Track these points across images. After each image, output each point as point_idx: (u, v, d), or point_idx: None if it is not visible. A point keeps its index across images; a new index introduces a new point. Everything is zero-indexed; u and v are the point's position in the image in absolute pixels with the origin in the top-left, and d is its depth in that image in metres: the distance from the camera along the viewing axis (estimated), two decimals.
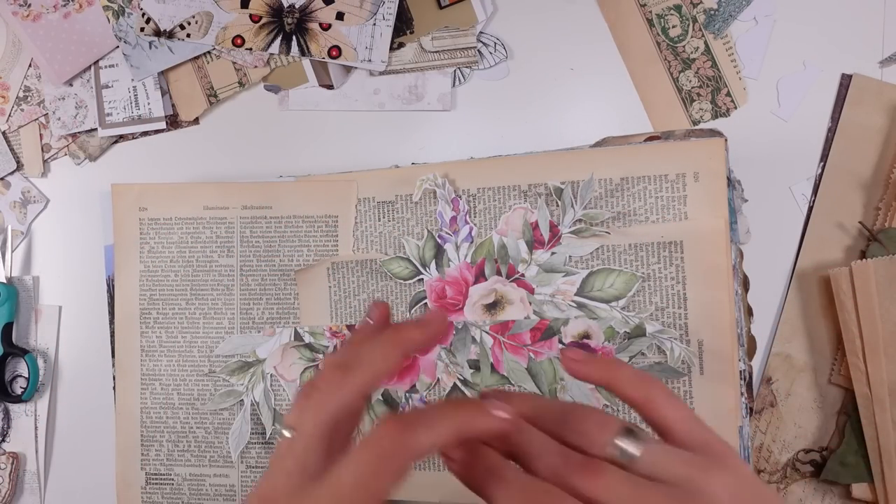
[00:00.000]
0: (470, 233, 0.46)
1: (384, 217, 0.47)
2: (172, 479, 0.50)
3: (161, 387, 0.50)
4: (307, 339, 0.48)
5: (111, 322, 0.51)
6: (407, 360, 0.29)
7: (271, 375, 0.48)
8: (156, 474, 0.50)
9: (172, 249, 0.50)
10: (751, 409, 0.44)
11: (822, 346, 0.46)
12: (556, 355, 0.45)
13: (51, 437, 0.54)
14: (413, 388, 0.47)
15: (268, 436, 0.48)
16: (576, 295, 0.44)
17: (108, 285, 0.51)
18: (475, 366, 0.46)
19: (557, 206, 0.45)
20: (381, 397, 0.47)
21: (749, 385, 0.44)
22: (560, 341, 0.45)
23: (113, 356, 0.51)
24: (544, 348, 0.45)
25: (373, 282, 0.47)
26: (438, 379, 0.46)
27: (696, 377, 0.43)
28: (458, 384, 0.46)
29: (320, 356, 0.48)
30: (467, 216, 0.46)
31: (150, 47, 0.51)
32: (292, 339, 0.48)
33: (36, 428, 0.53)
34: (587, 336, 0.44)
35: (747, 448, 0.43)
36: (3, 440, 0.53)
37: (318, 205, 0.48)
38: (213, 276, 0.49)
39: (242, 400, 0.49)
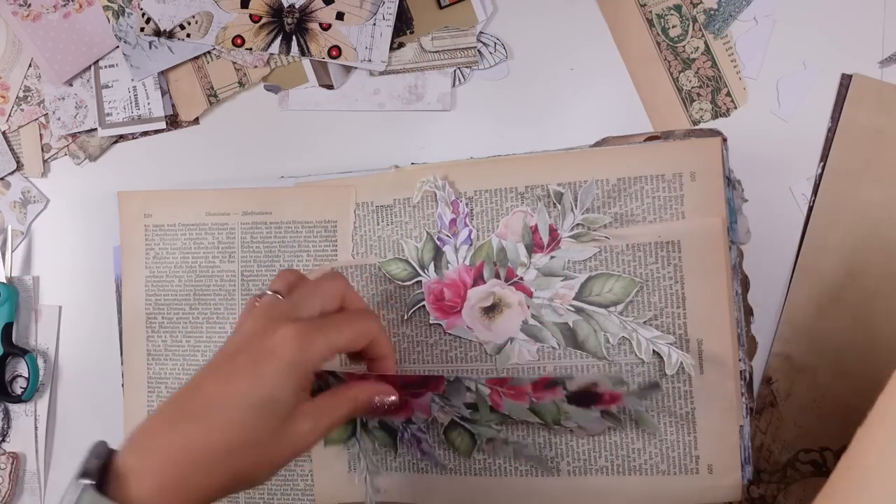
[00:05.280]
0: (469, 235, 0.46)
1: (382, 221, 0.47)
2: None
3: (167, 390, 0.50)
4: None
5: (119, 322, 0.51)
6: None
7: None
8: None
9: (176, 255, 0.50)
10: (751, 409, 0.44)
11: (822, 346, 0.46)
12: (562, 399, 0.43)
13: (51, 437, 0.54)
14: (409, 420, 0.46)
15: None
16: (574, 299, 0.44)
17: (118, 286, 0.51)
18: (473, 407, 0.44)
19: (555, 206, 0.45)
20: (377, 424, 0.47)
21: (749, 385, 0.44)
22: (564, 388, 0.43)
23: (122, 359, 0.51)
24: (547, 395, 0.43)
25: (372, 286, 0.47)
26: (434, 417, 0.45)
27: (695, 377, 0.43)
28: (457, 420, 0.45)
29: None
30: (467, 218, 0.46)
31: (150, 47, 0.51)
32: None
33: (36, 428, 0.53)
34: (595, 386, 0.43)
35: (747, 448, 0.43)
36: (3, 440, 0.53)
37: (316, 210, 0.48)
38: (215, 281, 0.50)
39: None
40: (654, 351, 0.43)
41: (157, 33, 0.51)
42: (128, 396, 0.51)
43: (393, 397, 0.39)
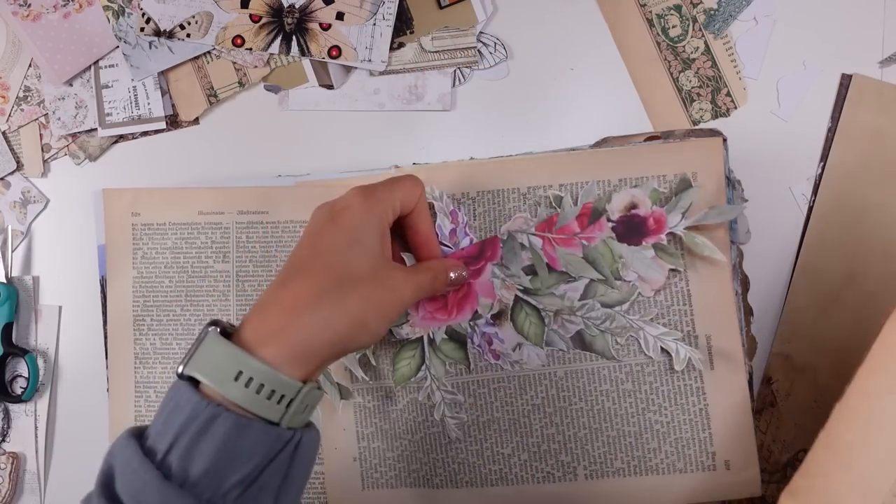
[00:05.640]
0: (470, 244, 0.46)
1: None
2: None
3: (156, 394, 0.50)
4: None
5: (104, 324, 0.51)
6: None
7: None
8: None
9: (166, 255, 0.49)
10: (751, 409, 0.44)
11: (822, 346, 0.46)
12: (609, 235, 0.43)
13: (51, 437, 0.54)
14: (476, 315, 0.45)
15: (339, 408, 0.47)
16: (579, 300, 0.44)
17: (102, 285, 0.51)
18: (531, 271, 0.44)
19: (555, 209, 0.45)
20: (445, 335, 0.46)
21: (749, 385, 0.44)
22: (608, 220, 0.44)
23: (107, 362, 0.51)
24: (595, 231, 0.44)
25: None
26: (498, 298, 0.45)
27: (706, 373, 0.43)
28: (520, 295, 0.45)
29: None
30: (467, 227, 0.46)
31: (150, 47, 0.51)
32: None
33: (36, 428, 0.53)
34: (634, 206, 0.43)
35: None
36: (3, 440, 0.53)
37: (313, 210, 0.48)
38: (208, 282, 0.49)
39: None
40: (661, 348, 0.43)
41: (157, 33, 0.51)
42: (113, 401, 0.50)
43: (464, 272, 0.43)
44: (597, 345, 0.44)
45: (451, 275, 0.42)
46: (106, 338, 0.50)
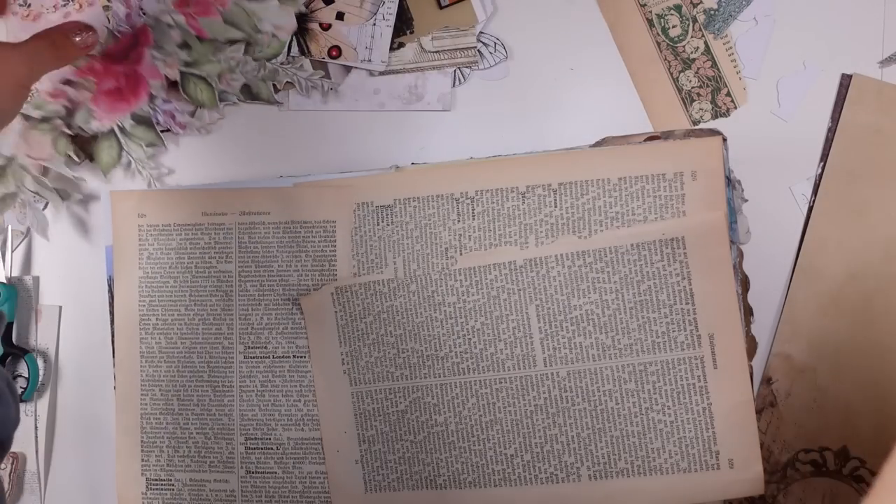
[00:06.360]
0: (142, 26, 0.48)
1: (382, 221, 0.47)
2: (173, 485, 0.50)
3: (161, 392, 0.50)
4: (36, 114, 0.49)
5: (112, 323, 0.51)
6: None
7: (29, 164, 0.50)
8: (156, 480, 0.50)
9: (171, 255, 0.50)
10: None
11: (822, 346, 0.46)
12: None
13: (51, 437, 0.54)
14: (152, 97, 0.49)
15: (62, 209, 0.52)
16: (235, 60, 0.49)
17: (109, 286, 0.51)
18: (185, 46, 0.48)
19: None
20: (133, 121, 0.50)
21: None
22: None
23: (113, 361, 0.51)
24: None
25: (377, 303, 0.47)
26: (166, 76, 0.49)
27: (710, 371, 0.43)
28: (183, 69, 0.49)
29: (59, 121, 0.50)
30: (141, 9, 0.48)
31: None
32: (24, 122, 0.50)
33: (36, 428, 0.53)
34: None
35: None
36: None
37: (316, 210, 0.48)
38: (211, 281, 0.49)
39: (18, 195, 0.51)
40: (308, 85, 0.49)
41: None
42: (119, 398, 0.50)
43: (89, 32, 0.44)
44: (261, 92, 0.50)
45: (76, 38, 0.43)
46: (113, 337, 0.51)
